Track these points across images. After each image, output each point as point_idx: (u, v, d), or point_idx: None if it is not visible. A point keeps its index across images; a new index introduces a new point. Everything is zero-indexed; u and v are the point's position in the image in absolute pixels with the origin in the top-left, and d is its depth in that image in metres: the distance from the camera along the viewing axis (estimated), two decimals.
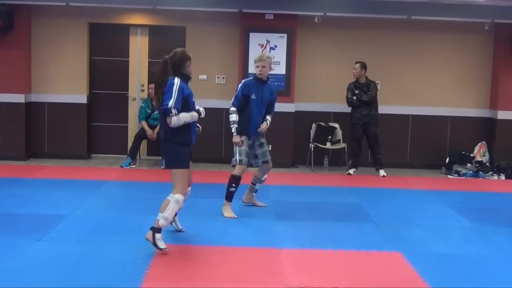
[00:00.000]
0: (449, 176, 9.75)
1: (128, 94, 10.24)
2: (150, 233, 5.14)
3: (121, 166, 9.33)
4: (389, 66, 9.97)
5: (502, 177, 9.63)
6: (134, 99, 10.22)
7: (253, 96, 6.55)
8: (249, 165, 6.72)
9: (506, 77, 9.90)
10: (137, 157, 9.75)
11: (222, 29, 9.97)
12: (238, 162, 6.52)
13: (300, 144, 9.91)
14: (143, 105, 9.71)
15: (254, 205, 6.97)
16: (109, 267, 4.74)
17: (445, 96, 10.18)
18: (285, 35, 9.64)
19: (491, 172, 9.72)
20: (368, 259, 5.23)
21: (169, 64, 5.35)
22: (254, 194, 7.02)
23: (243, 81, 6.77)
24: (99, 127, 10.26)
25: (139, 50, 10.18)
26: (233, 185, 6.49)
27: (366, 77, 9.34)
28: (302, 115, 9.92)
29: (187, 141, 5.34)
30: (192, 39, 9.91)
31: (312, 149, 9.75)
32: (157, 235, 5.11)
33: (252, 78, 6.76)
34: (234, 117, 6.55)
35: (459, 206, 7.37)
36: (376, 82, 9.56)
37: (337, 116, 10.06)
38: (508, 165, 9.72)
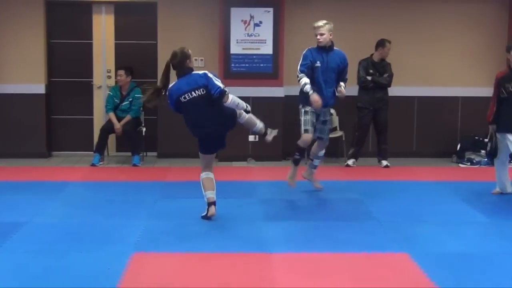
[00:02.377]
0: (461, 165, 9.84)
1: (92, 81, 10.21)
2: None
3: (92, 164, 9.32)
4: (393, 42, 9.95)
5: None
6: (100, 87, 10.20)
7: (317, 64, 7.23)
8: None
9: None
10: (105, 153, 9.74)
11: (199, 5, 9.95)
12: (303, 131, 7.27)
13: (291, 133, 9.89)
14: (111, 93, 9.69)
15: (312, 183, 7.77)
16: (76, 281, 4.74)
17: (455, 74, 10.24)
18: (271, 10, 9.65)
19: (509, 159, 9.78)
20: (371, 262, 5.26)
21: (170, 68, 6.24)
22: (314, 170, 7.76)
23: (307, 48, 7.39)
24: (60, 121, 10.24)
25: (104, 30, 10.15)
26: (297, 153, 7.38)
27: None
28: (292, 100, 9.83)
29: None
30: (165, 16, 9.89)
31: None
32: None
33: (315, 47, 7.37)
34: (305, 79, 7.20)
35: (473, 199, 7.43)
36: None
37: None
38: None
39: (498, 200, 7.47)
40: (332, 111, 10.00)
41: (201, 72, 6.24)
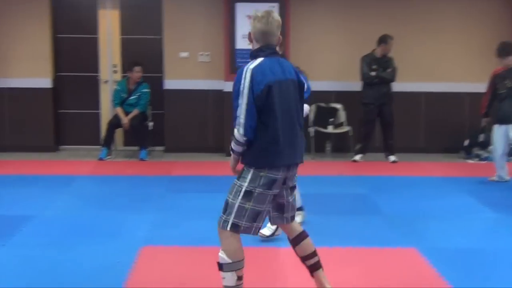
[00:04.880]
0: (468, 160, 9.82)
1: (99, 76, 10.22)
2: None
3: (100, 159, 9.34)
4: (398, 37, 9.91)
5: None
6: (106, 81, 10.20)
7: None
8: None
9: None
10: (112, 147, 9.76)
11: (204, 0, 9.95)
12: None
13: None
14: (118, 88, 9.70)
15: None
16: (85, 274, 4.76)
17: (462, 70, 10.21)
18: (276, 5, 9.59)
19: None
20: (379, 256, 5.28)
21: None
22: None
23: None
24: (67, 115, 10.25)
25: (109, 25, 10.15)
26: None
27: None
28: None
29: None
30: (170, 11, 9.89)
31: (312, 134, 9.78)
32: None
33: None
34: None
35: (482, 195, 7.43)
36: None
37: (340, 96, 10.09)
38: None
39: (508, 196, 7.46)
40: (339, 106, 10.02)
41: None
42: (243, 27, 9.55)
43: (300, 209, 5.76)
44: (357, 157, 9.51)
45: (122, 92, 9.63)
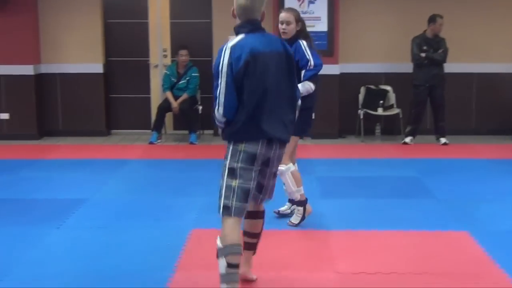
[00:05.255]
0: None
1: (149, 60, 10.30)
2: None
3: (150, 142, 9.44)
4: (450, 17, 9.74)
5: None
6: (156, 66, 10.28)
7: None
8: None
9: None
10: (163, 131, 9.85)
11: None
12: None
13: (347, 111, 9.85)
14: (168, 72, 9.76)
15: None
16: (137, 255, 4.83)
17: None
18: None
19: None
20: (430, 240, 5.22)
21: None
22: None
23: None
24: (118, 100, 10.38)
25: (159, 10, 10.21)
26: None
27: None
28: (348, 77, 9.85)
29: None
30: None
31: (361, 116, 9.69)
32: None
33: None
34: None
35: None
36: None
37: (390, 78, 9.97)
38: None
39: None
40: (389, 88, 9.90)
41: None
42: None
43: (301, 204, 5.55)
44: (408, 139, 9.39)
45: (172, 76, 9.69)
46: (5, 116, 9.83)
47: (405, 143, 9.37)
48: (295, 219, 5.54)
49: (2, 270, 4.55)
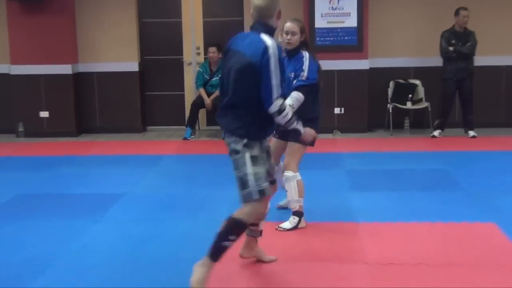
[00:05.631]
0: None
1: (182, 58, 10.46)
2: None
3: (184, 138, 9.60)
4: (479, 10, 9.72)
5: None
6: (190, 63, 10.44)
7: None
8: None
9: None
10: (196, 127, 10.00)
11: None
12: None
13: (376, 105, 9.90)
14: (201, 70, 9.90)
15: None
16: (174, 247, 4.97)
17: None
18: None
19: None
20: (458, 231, 5.25)
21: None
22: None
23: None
24: (153, 97, 10.56)
25: (192, 9, 10.35)
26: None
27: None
28: (377, 72, 9.89)
29: None
30: None
31: (390, 110, 9.73)
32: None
33: None
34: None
35: None
36: None
37: (419, 72, 9.98)
38: None
39: None
40: (418, 82, 9.92)
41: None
42: (322, 6, 9.58)
43: (298, 214, 5.41)
44: (436, 132, 9.40)
45: (205, 73, 9.83)
46: (45, 114, 10.06)
47: (433, 136, 9.38)
48: (286, 225, 5.37)
49: (45, 261, 4.71)
